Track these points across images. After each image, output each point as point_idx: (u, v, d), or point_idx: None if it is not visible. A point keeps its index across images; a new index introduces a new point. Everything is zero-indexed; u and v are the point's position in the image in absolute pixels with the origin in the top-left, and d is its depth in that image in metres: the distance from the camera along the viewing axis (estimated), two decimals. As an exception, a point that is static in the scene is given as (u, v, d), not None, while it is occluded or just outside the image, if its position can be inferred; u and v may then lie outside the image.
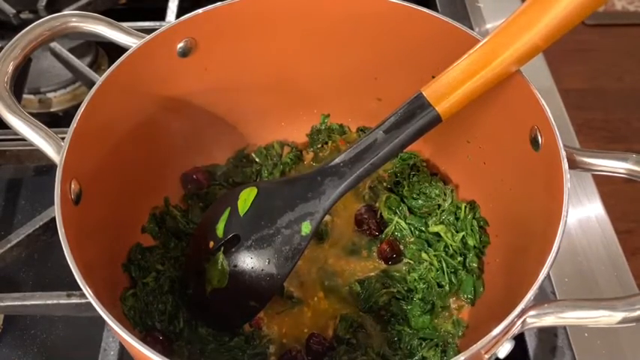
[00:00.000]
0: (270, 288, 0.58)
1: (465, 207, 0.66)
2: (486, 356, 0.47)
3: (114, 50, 0.59)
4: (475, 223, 0.65)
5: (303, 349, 0.60)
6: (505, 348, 0.48)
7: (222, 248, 0.60)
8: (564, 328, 0.63)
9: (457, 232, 0.65)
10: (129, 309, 0.59)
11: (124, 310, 0.58)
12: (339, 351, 0.59)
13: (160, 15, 0.89)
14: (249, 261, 0.58)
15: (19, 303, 0.60)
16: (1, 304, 0.60)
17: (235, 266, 0.59)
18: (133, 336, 0.43)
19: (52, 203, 0.49)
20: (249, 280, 0.58)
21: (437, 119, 0.54)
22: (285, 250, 0.58)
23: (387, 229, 0.67)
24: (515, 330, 0.47)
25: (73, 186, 0.51)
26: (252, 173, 0.71)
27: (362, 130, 0.73)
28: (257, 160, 0.72)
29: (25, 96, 0.86)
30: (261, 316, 0.62)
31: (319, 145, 0.73)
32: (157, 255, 0.64)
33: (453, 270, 0.63)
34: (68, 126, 0.52)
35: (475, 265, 0.63)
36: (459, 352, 0.58)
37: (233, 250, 0.59)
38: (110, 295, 0.57)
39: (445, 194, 0.67)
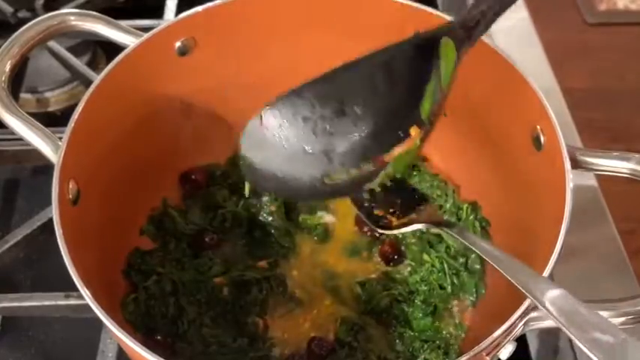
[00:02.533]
0: None
1: (467, 208, 0.65)
2: (488, 358, 0.47)
3: (112, 49, 0.59)
4: (477, 223, 0.64)
5: (305, 352, 0.59)
6: (507, 349, 0.48)
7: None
8: (566, 329, 0.63)
9: (459, 233, 0.64)
10: (130, 313, 0.58)
11: (125, 315, 0.58)
12: (341, 354, 0.58)
13: (159, 13, 0.89)
14: None
15: (17, 304, 0.59)
16: (-1, 305, 0.59)
17: None
18: (130, 337, 0.43)
19: (50, 203, 0.48)
20: None
21: None
22: None
23: None
24: (517, 331, 0.47)
25: (70, 186, 0.51)
26: (251, 173, 0.71)
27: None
28: None
29: (22, 95, 0.85)
30: (265, 318, 0.61)
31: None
32: (157, 258, 0.63)
33: (454, 271, 0.63)
34: (66, 125, 0.52)
35: (477, 266, 0.63)
36: (460, 353, 0.57)
37: None
38: (109, 296, 0.57)
39: (447, 195, 0.67)
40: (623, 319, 0.47)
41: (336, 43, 0.64)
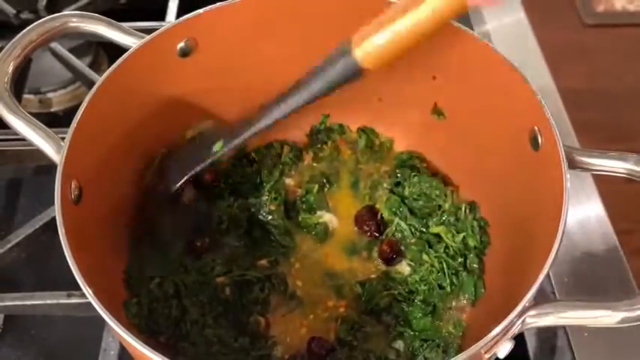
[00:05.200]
0: None
1: (465, 208, 0.65)
2: (486, 356, 0.47)
3: (114, 50, 0.59)
4: (475, 223, 0.65)
5: (305, 352, 0.60)
6: (505, 348, 0.48)
7: None
8: (564, 328, 0.63)
9: (458, 232, 0.65)
10: (133, 316, 0.58)
11: (128, 317, 0.58)
12: (341, 354, 0.59)
13: (160, 15, 0.89)
14: None
15: (19, 303, 0.60)
16: (1, 303, 0.60)
17: None
18: (132, 336, 0.43)
19: (53, 203, 0.49)
20: None
21: (354, 66, 0.53)
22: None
23: (387, 230, 0.67)
24: (515, 330, 0.47)
25: (73, 186, 0.52)
26: (252, 172, 0.71)
27: (362, 130, 0.73)
28: (256, 159, 0.72)
29: (25, 96, 0.86)
30: (267, 316, 0.62)
31: (319, 145, 0.73)
32: (157, 263, 0.63)
33: (454, 271, 0.63)
34: (68, 126, 0.53)
35: (476, 265, 0.63)
36: (460, 352, 0.58)
37: None
38: (111, 295, 0.57)
39: (445, 195, 0.67)
40: (620, 317, 0.47)
41: (336, 43, 0.65)
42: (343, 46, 0.53)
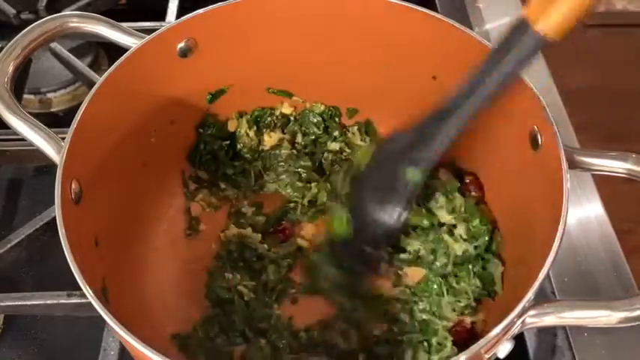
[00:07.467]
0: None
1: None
2: (486, 356, 0.47)
3: (114, 50, 0.60)
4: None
5: None
6: (505, 348, 0.48)
7: None
8: (564, 328, 0.63)
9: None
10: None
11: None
12: None
13: (161, 15, 0.89)
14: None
15: (19, 303, 0.60)
16: (2, 303, 0.60)
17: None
18: (132, 336, 0.43)
19: (53, 203, 0.49)
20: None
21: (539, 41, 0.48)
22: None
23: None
24: (515, 330, 0.47)
25: (73, 186, 0.52)
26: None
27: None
28: None
29: (25, 96, 0.86)
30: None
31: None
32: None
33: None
34: (68, 126, 0.53)
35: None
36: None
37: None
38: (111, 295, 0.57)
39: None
40: (620, 317, 0.47)
41: (336, 44, 0.65)
42: (517, 25, 0.49)
